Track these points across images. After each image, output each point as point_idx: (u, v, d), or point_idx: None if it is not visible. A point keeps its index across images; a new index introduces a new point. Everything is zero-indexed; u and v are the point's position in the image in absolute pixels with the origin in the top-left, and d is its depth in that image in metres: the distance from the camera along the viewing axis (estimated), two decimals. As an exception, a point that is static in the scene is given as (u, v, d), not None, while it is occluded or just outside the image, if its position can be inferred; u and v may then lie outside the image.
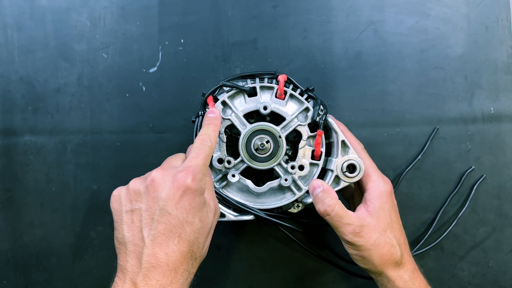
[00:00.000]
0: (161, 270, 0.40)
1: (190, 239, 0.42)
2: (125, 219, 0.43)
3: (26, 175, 0.62)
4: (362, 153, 0.52)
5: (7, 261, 0.62)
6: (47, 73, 0.62)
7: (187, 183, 0.42)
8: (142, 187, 0.43)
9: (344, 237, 0.48)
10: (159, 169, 0.44)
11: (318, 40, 0.62)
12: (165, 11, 0.62)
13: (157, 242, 0.40)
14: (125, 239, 0.42)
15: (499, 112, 0.62)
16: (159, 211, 0.41)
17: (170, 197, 0.41)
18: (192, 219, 0.42)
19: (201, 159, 0.44)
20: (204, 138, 0.47)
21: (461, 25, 0.62)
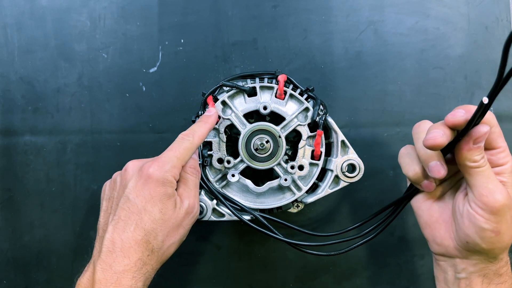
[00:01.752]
0: (115, 255, 0.41)
1: (146, 228, 0.42)
2: (103, 206, 0.46)
3: (26, 175, 0.62)
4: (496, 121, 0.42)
5: (7, 261, 0.62)
6: (47, 73, 0.62)
7: (149, 172, 0.43)
8: (118, 177, 0.46)
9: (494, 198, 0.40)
10: (135, 160, 0.47)
11: (318, 40, 0.62)
12: (165, 11, 0.62)
13: (116, 227, 0.42)
14: (99, 225, 0.45)
15: (499, 112, 0.62)
16: (123, 198, 0.43)
17: (133, 185, 0.43)
18: (150, 209, 0.42)
19: (173, 152, 0.45)
20: (188, 133, 0.48)
21: (461, 25, 0.62)
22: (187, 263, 0.63)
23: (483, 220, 0.40)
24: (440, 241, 0.45)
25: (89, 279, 0.42)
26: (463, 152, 0.40)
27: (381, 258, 0.63)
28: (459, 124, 0.40)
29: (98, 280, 0.41)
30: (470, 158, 0.40)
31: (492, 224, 0.40)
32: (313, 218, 0.62)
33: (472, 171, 0.41)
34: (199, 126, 0.49)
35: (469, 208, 0.42)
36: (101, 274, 0.41)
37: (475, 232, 0.41)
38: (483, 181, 0.40)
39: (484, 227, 0.40)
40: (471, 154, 0.40)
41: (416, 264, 0.62)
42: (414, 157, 0.44)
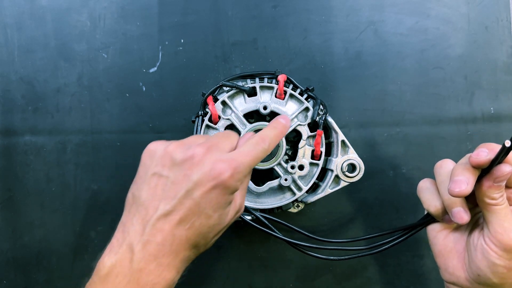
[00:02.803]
0: (164, 249, 0.38)
1: (202, 232, 0.39)
2: (149, 179, 0.40)
3: (26, 175, 0.62)
4: None
5: (7, 261, 0.62)
6: (47, 73, 0.62)
7: (223, 177, 0.38)
8: (179, 157, 0.40)
9: (508, 236, 0.40)
10: (204, 145, 0.40)
11: (318, 40, 0.62)
12: (165, 11, 0.62)
13: (169, 220, 0.38)
14: (140, 199, 0.40)
15: (499, 112, 0.62)
16: (184, 191, 0.38)
17: (201, 183, 0.38)
18: (211, 213, 0.39)
19: (249, 159, 0.41)
20: (264, 138, 0.43)
21: (461, 25, 0.62)
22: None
23: (496, 256, 0.41)
24: (452, 270, 0.45)
25: (124, 265, 0.38)
26: (483, 189, 0.41)
27: (381, 258, 0.63)
28: (482, 164, 0.40)
29: (138, 269, 0.37)
30: (489, 196, 0.41)
31: (504, 261, 0.41)
32: (313, 218, 0.62)
33: (490, 207, 0.41)
34: (275, 134, 0.44)
35: (483, 243, 0.42)
36: (143, 264, 0.37)
37: (487, 266, 0.42)
38: (500, 219, 0.41)
39: (496, 262, 0.41)
40: (491, 192, 0.41)
41: (416, 264, 0.62)
42: (435, 193, 0.45)
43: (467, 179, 0.40)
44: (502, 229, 0.41)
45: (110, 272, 0.38)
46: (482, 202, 0.42)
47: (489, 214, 0.42)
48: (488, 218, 0.42)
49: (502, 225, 0.41)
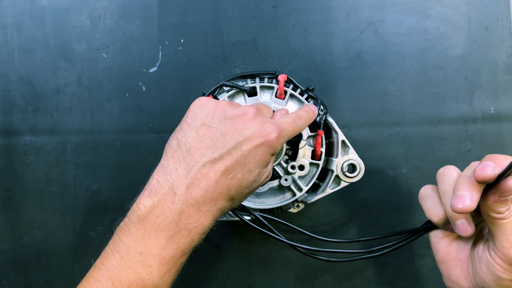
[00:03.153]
0: (205, 193, 0.39)
1: (242, 184, 0.41)
2: (198, 128, 0.41)
3: (26, 175, 0.62)
4: None
5: (7, 261, 0.62)
6: (47, 73, 0.62)
7: (271, 137, 0.41)
8: (231, 113, 0.42)
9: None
10: (253, 107, 0.43)
11: (318, 40, 0.62)
12: (165, 11, 0.62)
13: (215, 167, 0.39)
14: (187, 145, 0.41)
15: (499, 112, 0.62)
16: (234, 143, 0.40)
17: (251, 138, 0.40)
18: (253, 169, 0.41)
19: (291, 129, 0.44)
20: (301, 117, 0.46)
21: (461, 25, 0.62)
22: (187, 263, 0.63)
23: (502, 270, 0.41)
24: (455, 279, 0.45)
25: (166, 206, 0.38)
26: (488, 203, 0.40)
27: (381, 258, 0.63)
28: (488, 180, 0.39)
29: (180, 211, 0.38)
30: (495, 210, 0.40)
31: (510, 275, 0.40)
32: (313, 218, 0.62)
33: (495, 221, 0.40)
34: (308, 117, 0.48)
35: (488, 256, 0.42)
36: (185, 207, 0.38)
37: (492, 280, 0.41)
38: (506, 233, 0.40)
39: (502, 276, 0.41)
40: (497, 206, 0.40)
41: (416, 264, 0.62)
42: (437, 202, 0.44)
43: (471, 194, 0.39)
44: (508, 244, 0.40)
45: (151, 212, 0.38)
46: (488, 216, 0.41)
47: (495, 228, 0.41)
48: (494, 232, 0.41)
49: (508, 239, 0.40)
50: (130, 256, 0.37)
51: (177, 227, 0.38)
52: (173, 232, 0.38)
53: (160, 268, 0.38)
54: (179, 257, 0.39)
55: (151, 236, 0.38)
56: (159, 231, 0.38)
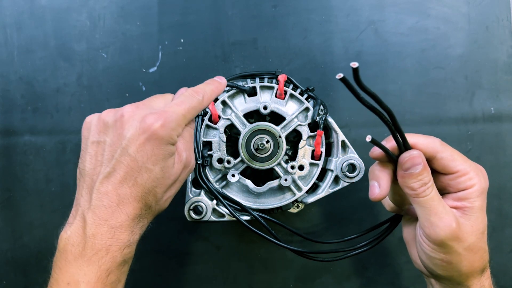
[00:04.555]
0: (112, 210, 0.39)
1: (146, 186, 0.39)
2: (89, 149, 0.41)
3: (25, 175, 0.62)
4: (444, 147, 0.42)
5: (7, 261, 0.62)
6: (46, 73, 0.62)
7: (154, 128, 0.39)
8: (111, 120, 0.41)
9: (435, 231, 0.39)
10: (133, 104, 0.42)
11: (318, 40, 0.62)
12: (165, 11, 0.62)
13: (112, 181, 0.39)
14: (85, 171, 0.41)
15: (500, 112, 0.62)
16: (120, 150, 0.39)
17: (134, 138, 0.39)
18: (152, 167, 0.39)
19: (182, 108, 0.41)
20: (198, 91, 0.44)
21: (461, 25, 0.62)
22: (187, 263, 0.63)
23: (429, 249, 0.41)
24: (414, 259, 0.46)
25: (78, 233, 0.39)
26: (399, 179, 0.42)
27: (381, 258, 0.63)
28: (377, 158, 0.42)
29: (91, 234, 0.38)
30: (407, 185, 0.40)
31: (439, 255, 0.40)
32: (313, 219, 0.62)
33: (413, 200, 0.41)
34: (210, 88, 0.45)
35: (418, 237, 0.42)
36: (95, 229, 0.38)
37: (426, 259, 0.42)
38: (426, 213, 0.40)
39: (432, 255, 0.41)
40: (406, 182, 0.40)
41: (416, 264, 0.62)
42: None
43: (379, 181, 0.42)
44: (428, 223, 0.40)
45: (67, 243, 0.39)
46: (407, 194, 0.41)
47: (416, 206, 0.41)
48: (417, 212, 0.41)
49: (428, 219, 0.40)
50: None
51: (93, 250, 0.38)
52: (90, 255, 0.38)
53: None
54: (106, 277, 0.38)
55: (72, 265, 0.38)
56: (78, 259, 0.38)
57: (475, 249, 0.40)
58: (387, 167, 0.42)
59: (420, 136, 0.42)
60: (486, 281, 0.42)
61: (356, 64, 0.33)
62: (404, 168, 0.40)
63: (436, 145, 0.42)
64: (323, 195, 0.53)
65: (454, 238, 0.39)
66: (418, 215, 0.41)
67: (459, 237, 0.39)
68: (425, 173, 0.40)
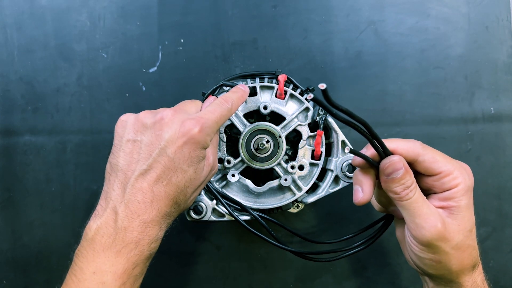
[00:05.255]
0: (145, 206, 0.40)
1: (180, 186, 0.42)
2: (124, 146, 0.43)
3: (26, 175, 0.62)
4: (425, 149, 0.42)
5: (7, 261, 0.62)
6: (47, 73, 0.62)
7: (193, 132, 0.41)
8: (149, 121, 0.43)
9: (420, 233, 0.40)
10: (171, 109, 0.44)
11: (318, 40, 0.62)
12: (165, 11, 0.62)
13: (148, 178, 0.41)
14: (118, 166, 0.42)
15: (500, 112, 0.62)
16: (158, 150, 0.41)
17: (173, 140, 0.41)
18: (187, 168, 0.41)
19: (215, 116, 0.44)
20: (227, 99, 0.46)
21: (461, 25, 0.62)
22: (187, 263, 0.63)
23: (418, 250, 0.42)
24: (408, 258, 0.46)
25: (109, 225, 0.40)
26: (382, 184, 0.42)
27: (381, 258, 0.63)
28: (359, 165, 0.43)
29: (123, 227, 0.39)
30: (390, 190, 0.41)
31: (428, 255, 0.41)
32: (313, 219, 0.62)
33: (398, 203, 0.42)
34: (237, 97, 0.48)
35: (407, 237, 0.43)
36: (127, 222, 0.39)
37: (416, 259, 0.43)
38: (411, 215, 0.41)
39: (421, 256, 0.42)
40: (389, 186, 0.41)
41: (416, 264, 0.62)
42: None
43: (362, 186, 0.43)
44: (414, 225, 0.41)
45: (97, 234, 0.40)
46: (391, 197, 0.42)
47: (401, 209, 0.42)
48: (403, 214, 0.42)
49: (413, 221, 0.41)
50: (85, 277, 0.39)
51: (123, 242, 0.39)
52: (120, 247, 0.39)
53: (114, 283, 0.39)
54: (132, 269, 0.40)
55: (100, 256, 0.39)
56: (106, 249, 0.39)
57: (463, 247, 0.41)
58: (369, 172, 0.43)
59: (400, 140, 0.43)
60: (478, 277, 0.43)
61: (324, 86, 0.34)
62: (386, 174, 0.41)
63: (416, 148, 0.42)
64: (323, 195, 0.53)
65: (441, 238, 0.40)
66: (404, 218, 0.42)
67: (446, 237, 0.40)
68: (407, 176, 0.41)
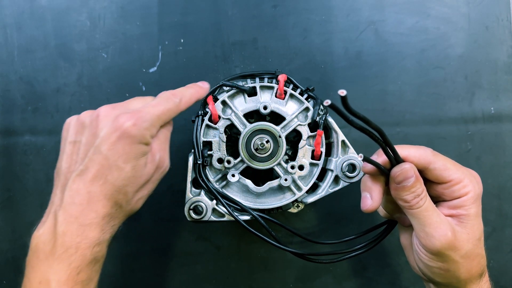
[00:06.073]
0: (82, 207, 0.39)
1: (116, 185, 0.40)
2: (66, 149, 0.43)
3: (26, 175, 0.62)
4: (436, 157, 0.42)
5: (7, 261, 0.62)
6: (47, 73, 0.62)
7: (126, 126, 0.39)
8: (87, 120, 0.42)
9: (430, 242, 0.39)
10: (110, 105, 0.43)
11: (318, 40, 0.62)
12: (165, 11, 0.62)
13: (84, 178, 0.39)
14: (61, 170, 0.42)
15: (500, 112, 0.62)
16: (93, 149, 0.40)
17: (106, 136, 0.40)
18: (122, 165, 0.40)
19: (157, 109, 0.42)
20: (176, 94, 0.45)
21: (461, 25, 0.62)
22: (187, 263, 0.63)
23: (427, 259, 0.41)
24: (412, 265, 0.46)
25: (49, 231, 0.39)
26: (391, 191, 0.42)
27: (382, 259, 0.63)
28: (370, 172, 0.42)
29: (62, 232, 0.38)
30: (400, 198, 0.41)
31: (437, 263, 0.41)
32: (313, 219, 0.62)
33: (407, 211, 0.41)
34: (189, 92, 0.46)
35: (415, 245, 0.43)
36: (65, 226, 0.38)
37: (424, 267, 0.42)
38: (421, 224, 0.40)
39: (429, 264, 0.41)
40: (399, 194, 0.41)
41: (416, 264, 0.62)
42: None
43: (371, 193, 0.42)
44: (424, 234, 0.40)
45: (39, 241, 0.39)
46: (400, 205, 0.42)
47: (411, 218, 0.41)
48: (412, 223, 0.41)
49: (423, 230, 0.40)
50: (33, 287, 0.38)
51: (63, 248, 0.38)
52: (60, 253, 0.38)
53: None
54: (76, 275, 0.38)
55: (44, 264, 0.38)
56: (49, 257, 0.38)
57: (472, 256, 0.40)
58: (379, 179, 0.43)
59: (412, 147, 0.42)
60: (485, 285, 0.43)
61: (344, 92, 0.33)
62: (396, 182, 0.41)
63: (428, 156, 0.42)
64: (323, 195, 0.53)
65: (451, 247, 0.39)
66: (414, 226, 0.42)
67: (456, 246, 0.39)
68: (417, 184, 0.40)
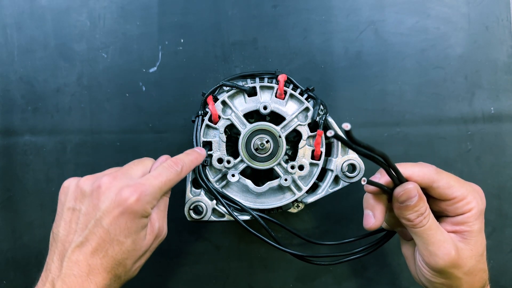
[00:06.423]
0: (81, 280, 0.39)
1: (117, 259, 0.40)
2: (65, 215, 0.42)
3: (26, 175, 0.62)
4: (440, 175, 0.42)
5: (7, 261, 0.62)
6: (47, 73, 0.62)
7: (129, 202, 0.39)
8: (88, 189, 0.42)
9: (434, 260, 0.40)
10: (111, 175, 0.42)
11: (318, 40, 0.62)
12: (165, 11, 0.62)
13: (84, 251, 0.39)
14: (58, 236, 0.41)
15: (500, 112, 0.62)
16: (94, 221, 0.40)
17: (108, 210, 0.39)
18: (123, 239, 0.40)
19: (159, 181, 0.42)
20: (177, 162, 0.45)
21: (461, 25, 0.62)
22: (187, 263, 0.63)
23: (429, 275, 0.42)
24: (415, 277, 0.46)
25: None
26: (395, 210, 0.42)
27: (382, 258, 0.63)
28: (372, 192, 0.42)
29: None
30: (404, 217, 0.41)
31: (440, 279, 0.41)
32: (313, 219, 0.62)
33: (410, 230, 0.41)
34: (189, 159, 0.46)
35: (417, 261, 0.43)
36: None
37: (425, 281, 0.43)
38: (424, 242, 0.41)
39: (432, 280, 0.42)
40: (402, 213, 0.41)
41: (416, 264, 0.62)
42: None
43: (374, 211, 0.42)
44: (427, 252, 0.40)
45: None
46: (403, 224, 0.42)
47: (414, 236, 0.42)
48: (415, 240, 0.42)
49: (426, 248, 0.40)
50: None
51: None
52: None
53: None
54: None
55: None
56: None
57: (475, 271, 0.41)
58: (381, 197, 0.43)
59: (415, 166, 0.42)
60: None
61: (348, 126, 0.33)
62: (399, 201, 0.41)
63: (431, 175, 0.41)
64: (323, 195, 0.53)
65: (454, 265, 0.40)
66: (417, 244, 0.42)
67: (459, 264, 0.40)
68: (420, 203, 0.40)
